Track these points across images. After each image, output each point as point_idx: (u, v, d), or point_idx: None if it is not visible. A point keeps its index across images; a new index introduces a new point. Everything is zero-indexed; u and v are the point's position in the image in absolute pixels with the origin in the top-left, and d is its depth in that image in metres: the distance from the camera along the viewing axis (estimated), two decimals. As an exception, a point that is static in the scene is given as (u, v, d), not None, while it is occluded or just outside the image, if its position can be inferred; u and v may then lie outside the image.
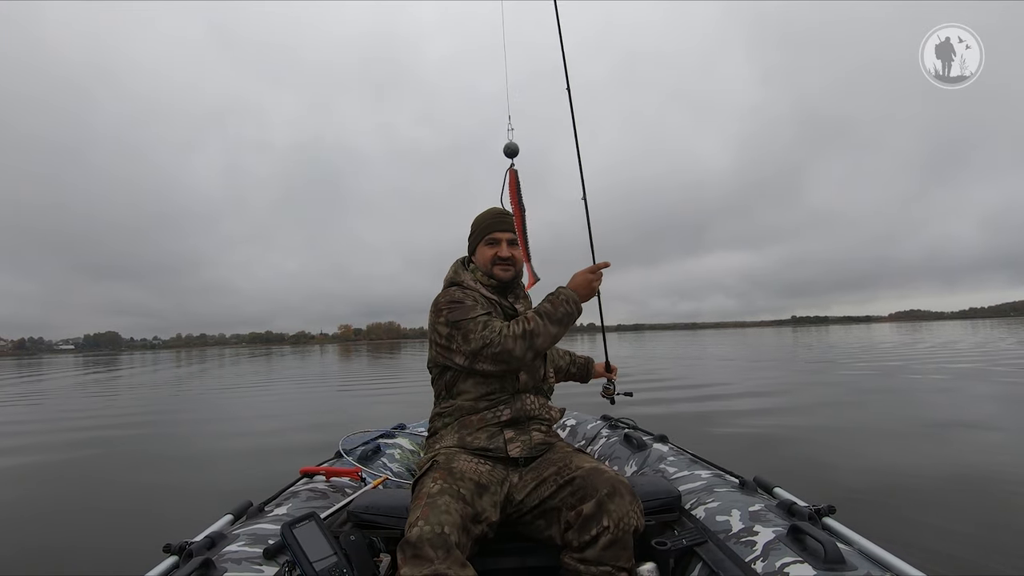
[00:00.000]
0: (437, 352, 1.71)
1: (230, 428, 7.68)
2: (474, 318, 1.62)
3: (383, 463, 2.37)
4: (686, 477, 1.92)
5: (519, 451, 1.62)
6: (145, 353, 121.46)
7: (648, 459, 2.18)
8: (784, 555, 1.29)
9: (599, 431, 2.68)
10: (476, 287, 1.75)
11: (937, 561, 2.45)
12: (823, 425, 5.97)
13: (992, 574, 2.41)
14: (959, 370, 11.23)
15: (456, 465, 1.52)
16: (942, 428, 5.57)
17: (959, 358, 14.22)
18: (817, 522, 1.47)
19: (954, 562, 2.48)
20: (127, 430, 7.50)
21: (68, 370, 29.67)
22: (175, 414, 9.30)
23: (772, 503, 1.62)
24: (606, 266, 1.76)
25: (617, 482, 1.44)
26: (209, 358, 45.40)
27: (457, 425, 1.67)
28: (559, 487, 1.50)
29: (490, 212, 1.83)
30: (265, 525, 1.55)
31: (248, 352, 72.20)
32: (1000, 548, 2.64)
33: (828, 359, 15.41)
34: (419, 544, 1.24)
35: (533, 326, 1.60)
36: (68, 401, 12.30)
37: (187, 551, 1.38)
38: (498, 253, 1.76)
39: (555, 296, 1.68)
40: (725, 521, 1.54)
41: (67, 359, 67.48)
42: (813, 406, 7.35)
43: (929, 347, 20.24)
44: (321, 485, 1.97)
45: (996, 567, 2.46)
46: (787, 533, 1.38)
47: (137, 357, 65.03)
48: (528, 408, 1.69)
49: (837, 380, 10.48)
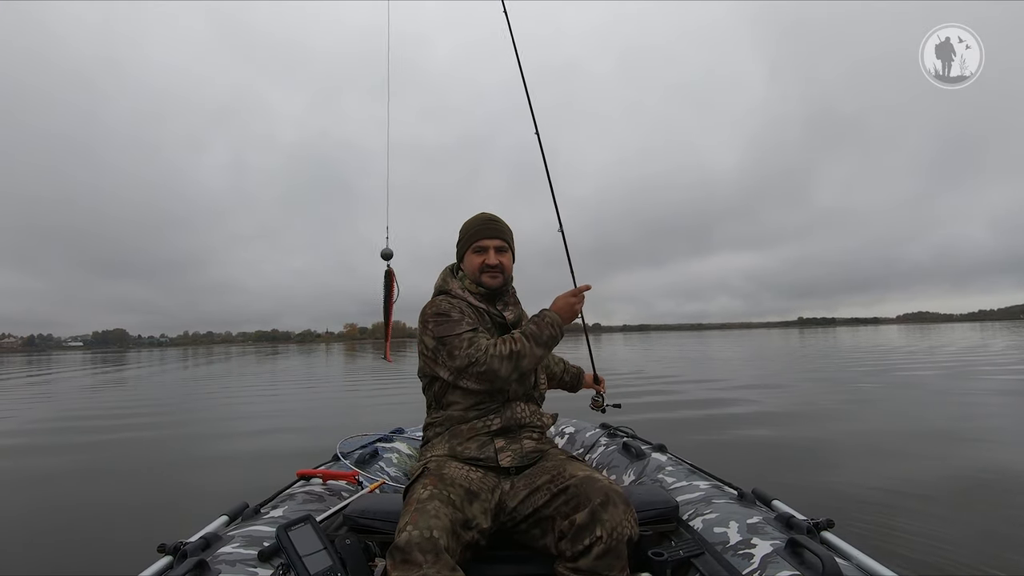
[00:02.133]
0: (424, 363, 1.71)
1: (227, 429, 7.69)
2: (459, 334, 1.61)
3: (380, 467, 2.36)
4: (684, 487, 1.91)
5: (510, 460, 1.61)
6: (152, 350, 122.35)
7: (646, 468, 2.16)
8: (782, 568, 1.28)
9: (598, 439, 2.67)
10: (464, 295, 1.75)
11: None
12: (823, 435, 5.92)
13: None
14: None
15: (447, 471, 1.52)
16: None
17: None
18: (815, 536, 1.45)
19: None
20: (126, 432, 7.48)
21: (74, 367, 29.89)
22: (174, 414, 9.32)
23: (770, 516, 1.60)
24: (587, 289, 1.76)
25: (611, 491, 1.43)
26: (215, 357, 45.64)
27: (448, 435, 1.66)
28: (553, 496, 1.49)
29: (478, 218, 1.82)
30: (260, 527, 1.55)
31: (254, 350, 72.54)
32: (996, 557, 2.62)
33: (840, 366, 15.09)
34: (408, 549, 1.24)
35: (520, 347, 1.59)
36: (69, 400, 12.34)
37: (181, 551, 1.39)
38: (486, 261, 1.75)
39: (540, 319, 1.67)
40: (723, 533, 1.52)
41: (75, 356, 68.05)
42: (815, 414, 7.28)
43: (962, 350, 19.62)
44: (318, 488, 1.97)
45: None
46: (785, 546, 1.37)
47: (144, 354, 65.50)
48: (519, 416, 1.68)
49: (846, 385, 10.39)
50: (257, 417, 8.80)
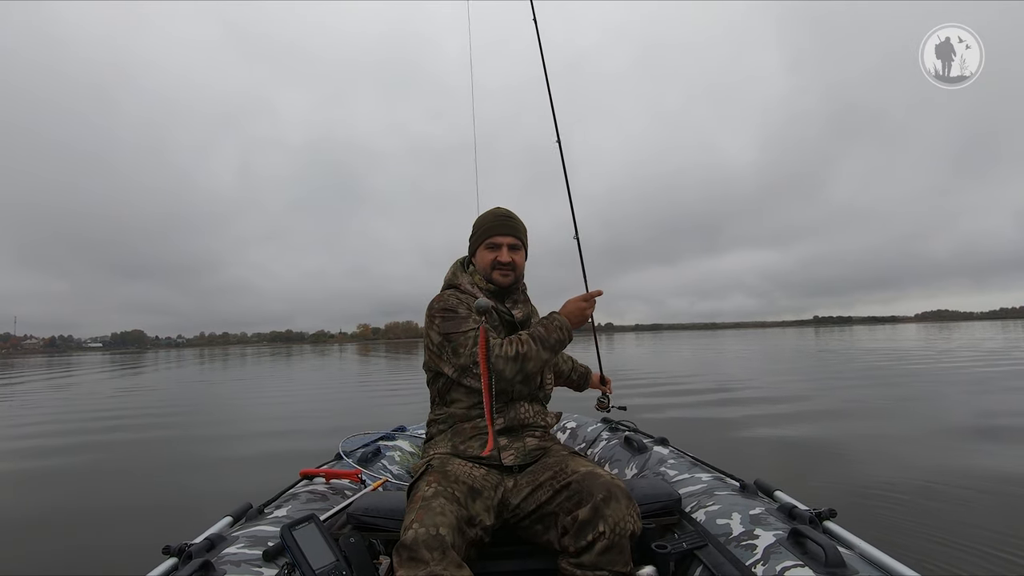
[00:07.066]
0: (429, 357, 1.70)
1: (232, 430, 7.73)
2: (465, 332, 1.60)
3: (383, 465, 2.37)
4: (686, 480, 1.90)
5: (513, 459, 1.61)
6: (169, 351, 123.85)
7: (648, 462, 2.16)
8: (785, 559, 1.28)
9: (599, 434, 2.66)
10: (473, 291, 1.72)
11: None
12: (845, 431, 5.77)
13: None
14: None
15: (450, 468, 1.52)
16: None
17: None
18: (818, 526, 1.45)
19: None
20: (130, 433, 7.55)
21: (92, 369, 30.28)
22: (178, 415, 9.40)
23: (773, 506, 1.59)
24: (599, 294, 1.74)
25: (613, 486, 1.42)
26: (230, 357, 46.09)
27: (451, 432, 1.66)
28: (555, 492, 1.49)
29: (492, 213, 1.79)
30: (265, 527, 1.56)
31: (269, 351, 73.17)
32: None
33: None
34: (415, 546, 1.24)
35: (526, 350, 1.57)
36: (77, 402, 12.45)
37: (186, 553, 1.40)
38: (498, 258, 1.72)
39: (549, 321, 1.65)
40: (725, 524, 1.52)
41: (95, 357, 69.00)
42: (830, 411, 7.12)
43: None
44: (321, 487, 1.98)
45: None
46: (788, 537, 1.36)
47: (161, 355, 66.25)
48: (522, 416, 1.67)
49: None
50: (259, 417, 8.84)
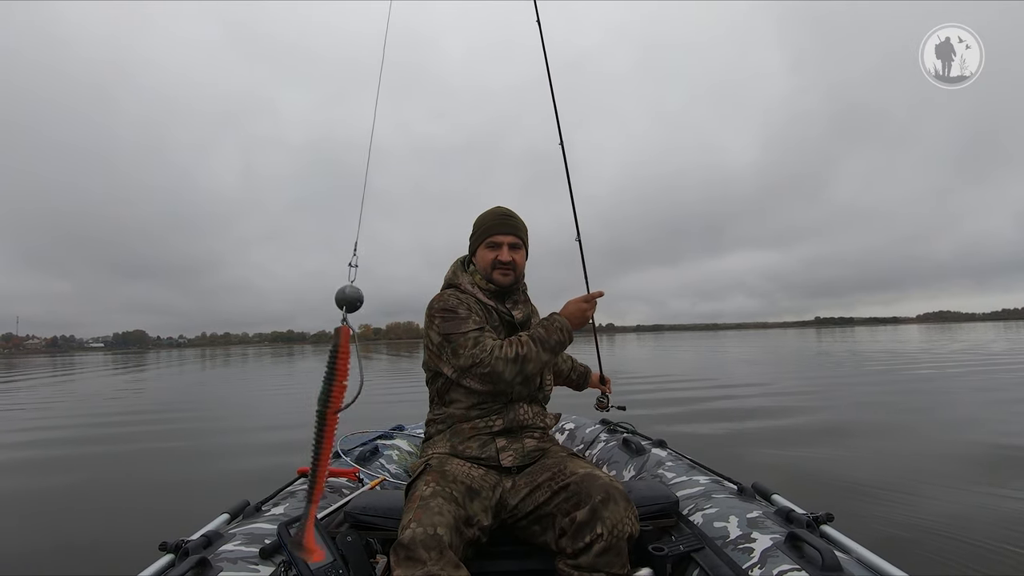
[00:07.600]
0: (428, 356, 1.70)
1: (230, 427, 7.74)
2: (465, 333, 1.58)
3: (381, 464, 2.38)
4: (684, 482, 1.90)
5: (511, 460, 1.60)
6: (170, 351, 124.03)
7: (646, 464, 2.15)
8: (782, 562, 1.28)
9: (598, 435, 2.66)
10: (473, 291, 1.71)
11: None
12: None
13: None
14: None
15: (449, 468, 1.52)
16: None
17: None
18: (815, 529, 1.44)
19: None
20: (129, 429, 7.58)
21: (93, 369, 30.32)
22: (178, 412, 9.43)
23: (770, 510, 1.59)
24: (600, 295, 1.73)
25: (611, 488, 1.42)
26: (231, 357, 46.09)
27: (449, 433, 1.65)
28: (553, 493, 1.49)
29: (493, 212, 1.77)
30: (262, 524, 1.57)
31: (270, 351, 73.19)
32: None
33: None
34: (412, 546, 1.24)
35: (526, 351, 1.56)
36: (76, 401, 12.48)
37: (183, 549, 1.40)
38: (498, 257, 1.71)
39: (549, 323, 1.64)
40: (723, 527, 1.52)
41: (96, 357, 69.13)
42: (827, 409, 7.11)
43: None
44: (319, 485, 1.98)
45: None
46: (785, 540, 1.36)
47: (163, 355, 66.33)
48: (521, 418, 1.66)
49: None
50: (261, 417, 8.84)
